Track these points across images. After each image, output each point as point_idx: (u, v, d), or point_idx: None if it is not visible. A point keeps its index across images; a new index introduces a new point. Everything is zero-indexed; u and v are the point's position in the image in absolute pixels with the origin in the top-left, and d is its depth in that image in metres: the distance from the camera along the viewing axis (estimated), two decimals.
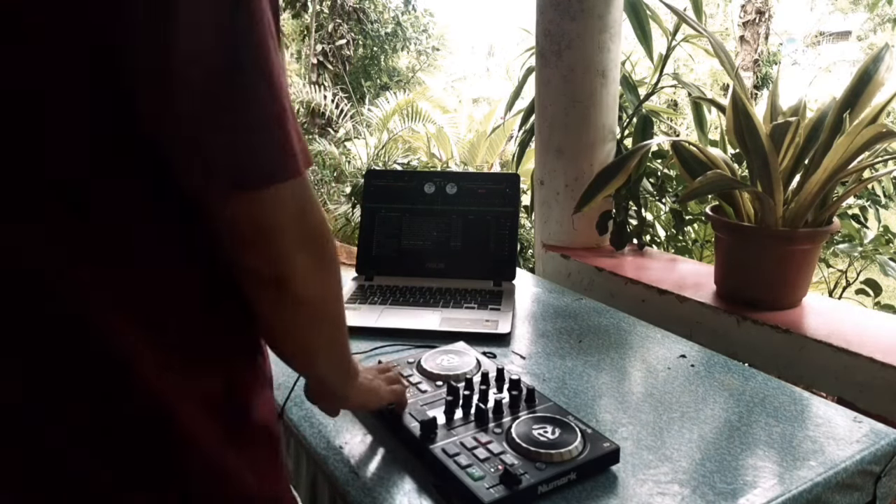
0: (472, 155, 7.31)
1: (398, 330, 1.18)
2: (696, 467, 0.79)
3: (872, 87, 1.34)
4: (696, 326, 1.47)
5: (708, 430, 0.88)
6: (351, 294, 1.32)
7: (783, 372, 1.28)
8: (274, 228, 0.56)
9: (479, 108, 9.98)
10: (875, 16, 13.64)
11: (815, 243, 1.38)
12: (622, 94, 1.87)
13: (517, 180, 1.44)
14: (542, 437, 0.79)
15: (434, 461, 0.77)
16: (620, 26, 1.76)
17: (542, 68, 1.81)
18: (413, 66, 11.94)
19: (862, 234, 1.84)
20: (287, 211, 0.57)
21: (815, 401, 0.95)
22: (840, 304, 1.63)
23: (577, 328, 1.21)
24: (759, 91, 9.67)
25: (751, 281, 1.43)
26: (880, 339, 1.25)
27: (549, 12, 1.76)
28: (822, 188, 1.32)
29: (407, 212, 1.43)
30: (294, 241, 0.58)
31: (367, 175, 1.48)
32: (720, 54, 1.47)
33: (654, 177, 1.92)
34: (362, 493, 0.76)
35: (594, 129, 1.78)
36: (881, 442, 0.85)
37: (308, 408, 0.93)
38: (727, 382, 1.00)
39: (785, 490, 0.75)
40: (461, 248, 1.41)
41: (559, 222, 1.88)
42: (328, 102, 7.75)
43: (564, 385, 1.00)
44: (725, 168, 1.45)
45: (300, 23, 10.02)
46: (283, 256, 0.58)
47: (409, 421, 0.84)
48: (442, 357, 0.99)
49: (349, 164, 6.57)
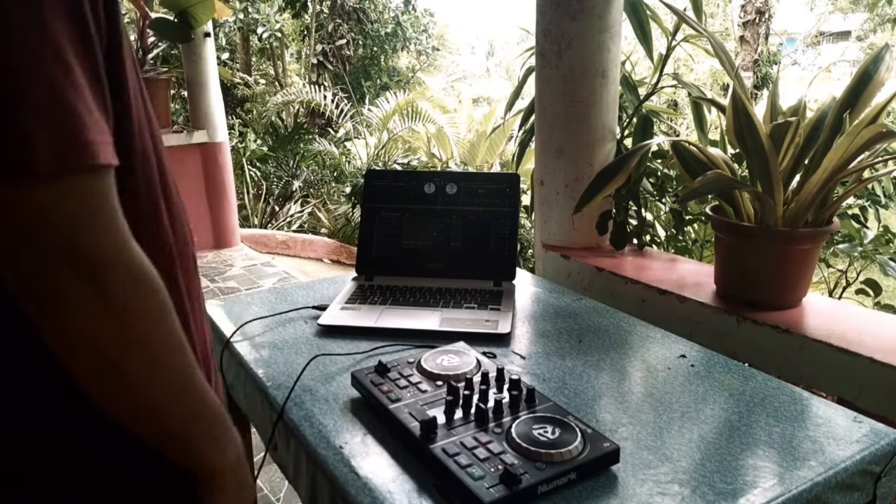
0: (472, 155, 7.32)
1: (398, 330, 1.18)
2: (696, 467, 0.79)
3: (872, 87, 1.34)
4: (696, 326, 1.47)
5: (708, 430, 0.88)
6: (351, 294, 1.32)
7: (783, 372, 1.28)
8: (17, 244, 0.46)
9: (479, 108, 9.99)
10: (875, 16, 13.65)
11: (815, 243, 1.38)
12: (622, 94, 1.87)
13: (517, 180, 1.44)
14: (542, 437, 0.79)
15: (434, 461, 0.77)
16: (620, 26, 1.76)
17: (542, 68, 1.81)
18: (413, 66, 11.94)
19: (862, 234, 1.84)
20: (29, 222, 0.46)
21: (815, 401, 0.95)
22: (840, 304, 1.63)
23: (577, 328, 1.21)
24: (759, 91, 9.67)
25: (751, 281, 1.43)
26: (880, 339, 1.25)
27: (549, 12, 1.76)
28: (822, 188, 1.32)
29: (407, 212, 1.43)
30: (53, 264, 0.47)
31: (367, 175, 1.48)
32: (720, 54, 1.47)
33: (654, 177, 1.92)
34: (362, 493, 0.76)
35: (594, 129, 1.78)
36: (881, 442, 0.85)
37: (308, 407, 0.93)
38: (727, 382, 1.00)
39: (785, 490, 0.75)
40: (461, 248, 1.41)
41: (559, 222, 1.88)
42: (328, 102, 7.76)
43: (564, 385, 1.00)
44: (725, 168, 1.45)
45: (300, 23, 10.02)
46: (40, 283, 0.48)
47: (409, 421, 0.84)
48: (442, 357, 0.99)
49: (349, 164, 6.58)
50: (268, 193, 6.30)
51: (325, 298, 1.33)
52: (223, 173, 4.31)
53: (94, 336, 0.50)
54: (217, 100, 4.21)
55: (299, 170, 6.41)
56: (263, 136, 7.14)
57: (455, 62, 16.14)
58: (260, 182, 6.33)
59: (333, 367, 1.05)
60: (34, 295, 0.48)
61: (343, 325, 1.20)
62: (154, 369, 0.55)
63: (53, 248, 0.47)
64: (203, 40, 4.01)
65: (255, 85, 9.58)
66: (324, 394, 0.97)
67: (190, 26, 3.67)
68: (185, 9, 3.58)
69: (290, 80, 10.29)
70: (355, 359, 1.08)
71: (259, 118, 8.25)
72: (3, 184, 0.45)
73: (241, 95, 9.26)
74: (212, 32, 4.11)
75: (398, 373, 0.95)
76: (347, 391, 0.97)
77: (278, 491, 1.98)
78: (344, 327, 1.19)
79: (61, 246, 0.47)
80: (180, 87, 6.63)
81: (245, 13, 8.96)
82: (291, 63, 11.11)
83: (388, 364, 0.97)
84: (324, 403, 0.95)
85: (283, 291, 1.40)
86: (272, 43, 9.55)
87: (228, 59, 9.59)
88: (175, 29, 3.65)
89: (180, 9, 3.59)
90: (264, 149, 6.57)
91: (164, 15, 3.74)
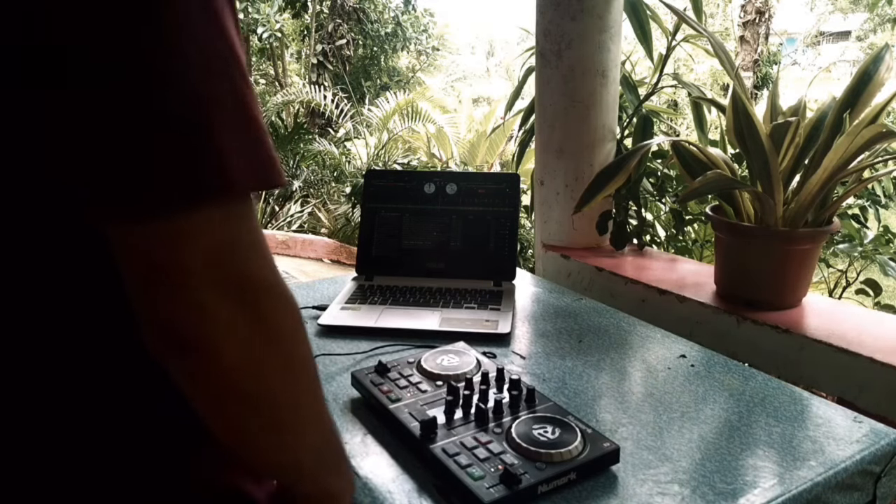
0: (472, 155, 7.33)
1: (398, 330, 1.18)
2: (696, 467, 0.79)
3: (872, 87, 1.34)
4: (696, 326, 1.47)
5: (708, 430, 0.88)
6: (351, 294, 1.32)
7: (783, 372, 1.28)
8: (175, 268, 0.42)
9: (479, 108, 10.00)
10: (875, 16, 13.65)
11: (815, 243, 1.38)
12: (622, 94, 1.87)
13: (517, 180, 1.44)
14: (542, 437, 0.79)
15: (434, 461, 0.77)
16: (620, 26, 1.76)
17: (542, 68, 1.81)
18: (413, 66, 11.95)
19: (862, 234, 1.84)
20: (196, 247, 0.42)
21: (815, 401, 0.95)
22: (840, 304, 1.63)
23: (577, 328, 1.21)
24: (759, 91, 9.68)
25: (751, 281, 1.43)
26: (880, 339, 1.25)
27: (549, 12, 1.76)
28: (822, 188, 1.32)
29: (407, 212, 1.43)
30: (207, 286, 0.42)
31: (367, 175, 1.48)
32: (720, 54, 1.47)
33: (654, 177, 1.92)
34: (362, 493, 0.76)
35: (594, 129, 1.78)
36: (881, 442, 0.85)
37: None
38: (727, 382, 1.00)
39: (785, 490, 0.75)
40: (461, 248, 1.41)
41: (559, 222, 1.88)
42: (328, 102, 7.76)
43: (564, 385, 1.00)
44: (725, 168, 1.45)
45: (300, 23, 10.03)
46: (190, 306, 0.43)
47: (409, 421, 0.84)
48: (442, 357, 0.99)
49: (349, 164, 6.58)
50: (268, 193, 6.29)
51: (325, 298, 1.33)
52: None
53: (243, 369, 0.45)
54: None
55: (299, 170, 6.41)
56: None
57: (455, 62, 16.16)
58: None
59: (333, 367, 1.05)
60: (179, 334, 0.43)
61: (343, 325, 1.20)
62: (304, 396, 0.51)
63: (231, 272, 0.43)
64: None
65: (254, 85, 9.57)
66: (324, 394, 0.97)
67: None
68: None
69: (290, 80, 10.30)
70: (355, 359, 1.08)
71: None
72: (185, 211, 0.41)
73: None
74: None
75: (398, 373, 0.95)
76: (347, 391, 0.97)
77: None
78: (344, 327, 1.19)
79: (230, 271, 0.43)
80: None
81: (245, 13, 8.97)
82: (291, 63, 11.11)
83: (388, 364, 0.97)
84: None
85: None
86: (272, 43, 9.56)
87: None
88: None
89: None
90: None
91: None
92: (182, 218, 0.41)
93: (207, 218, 0.42)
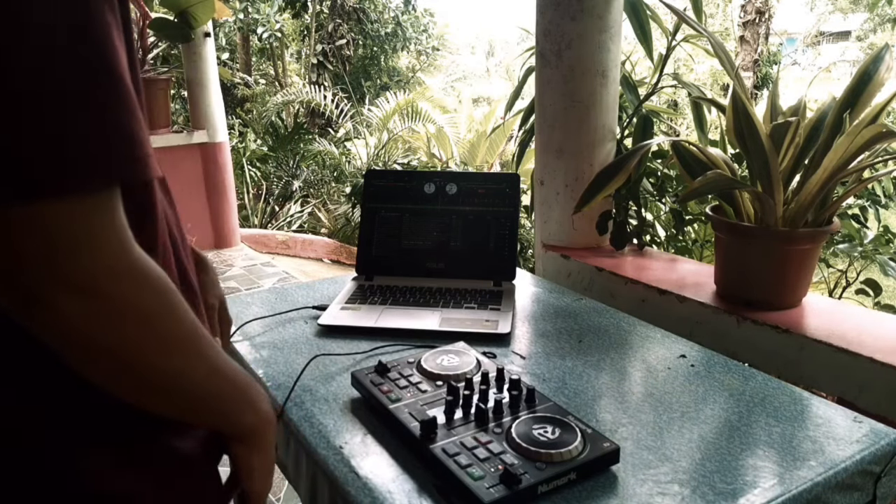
0: (472, 155, 7.33)
1: (398, 330, 1.18)
2: (696, 467, 0.79)
3: (872, 87, 1.34)
4: (696, 326, 1.47)
5: (708, 430, 0.88)
6: (351, 294, 1.32)
7: (783, 372, 1.28)
8: (12, 258, 0.44)
9: (479, 108, 10.00)
10: (875, 16, 13.65)
11: (815, 243, 1.38)
12: (622, 94, 1.87)
13: (517, 180, 1.44)
14: (542, 437, 0.79)
15: (434, 461, 0.77)
16: (620, 26, 1.76)
17: (542, 68, 1.81)
18: (413, 66, 11.95)
19: (862, 234, 1.84)
20: (34, 239, 0.43)
21: (815, 401, 0.95)
22: (840, 304, 1.63)
23: (577, 328, 1.21)
24: (759, 91, 9.68)
25: (751, 281, 1.43)
26: (880, 339, 1.25)
27: (549, 12, 1.76)
28: (822, 188, 1.32)
29: (407, 212, 1.43)
30: (46, 280, 0.44)
31: (367, 175, 1.48)
32: (720, 54, 1.47)
33: (654, 177, 1.92)
34: (362, 493, 0.76)
35: (594, 129, 1.78)
36: (881, 442, 0.85)
37: (308, 408, 0.93)
38: (727, 382, 1.00)
39: (785, 490, 0.75)
40: (461, 248, 1.41)
41: (559, 222, 1.88)
42: (328, 102, 7.77)
43: (564, 385, 1.00)
44: (725, 168, 1.45)
45: (300, 23, 10.03)
46: (27, 300, 0.45)
47: (409, 421, 0.84)
48: (442, 357, 0.99)
49: (349, 164, 6.59)
50: (268, 193, 6.30)
51: (325, 298, 1.33)
52: (223, 173, 4.31)
53: (104, 345, 0.49)
54: (217, 100, 4.21)
55: (299, 170, 6.41)
56: (263, 136, 7.15)
57: (455, 62, 16.16)
58: (260, 182, 6.34)
59: (333, 367, 1.05)
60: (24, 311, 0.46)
61: (343, 325, 1.20)
62: (171, 360, 0.53)
63: (74, 269, 0.45)
64: (203, 40, 4.02)
65: (255, 85, 9.59)
66: (324, 394, 0.97)
67: (190, 26, 3.67)
68: (185, 9, 3.59)
69: (290, 80, 10.30)
70: (355, 359, 1.08)
71: (259, 118, 8.26)
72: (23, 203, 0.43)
73: (241, 95, 9.27)
74: (212, 32, 4.11)
75: (398, 373, 0.95)
76: (347, 391, 0.97)
77: (278, 491, 1.98)
78: (344, 327, 1.19)
79: (73, 268, 0.45)
80: (180, 87, 6.64)
81: (245, 13, 8.97)
82: (291, 63, 11.12)
83: (388, 364, 0.97)
84: (324, 403, 0.95)
85: (283, 291, 1.40)
86: (272, 43, 9.56)
87: (228, 59, 9.60)
88: (175, 29, 3.66)
89: (180, 9, 3.59)
90: (264, 149, 6.58)
91: (164, 15, 3.74)
92: (16, 210, 0.43)
93: (39, 212, 0.43)
